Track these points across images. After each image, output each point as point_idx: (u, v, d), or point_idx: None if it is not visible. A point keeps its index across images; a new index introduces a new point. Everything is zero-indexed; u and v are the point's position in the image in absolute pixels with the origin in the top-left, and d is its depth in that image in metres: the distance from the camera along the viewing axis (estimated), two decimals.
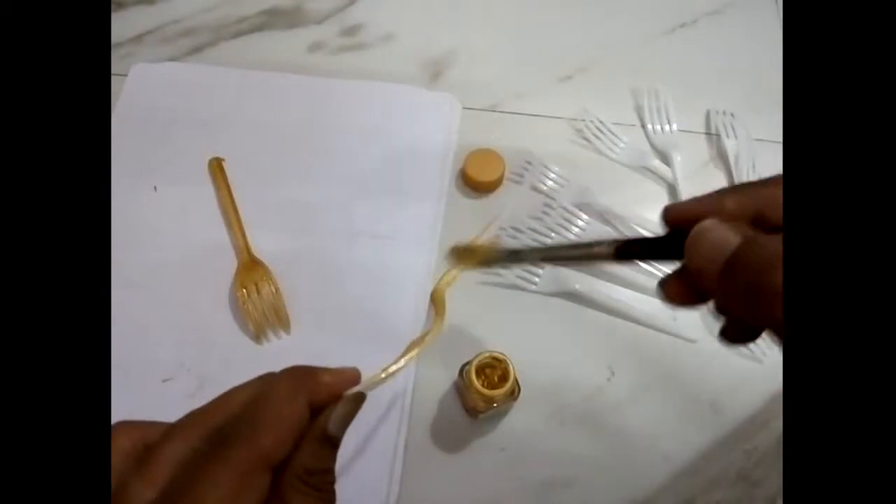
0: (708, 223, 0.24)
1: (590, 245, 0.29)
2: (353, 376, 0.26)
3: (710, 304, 0.26)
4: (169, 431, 0.23)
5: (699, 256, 0.24)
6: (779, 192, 0.24)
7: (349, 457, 0.45)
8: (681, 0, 0.68)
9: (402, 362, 0.29)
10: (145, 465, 0.22)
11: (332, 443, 0.24)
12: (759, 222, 0.25)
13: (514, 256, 0.32)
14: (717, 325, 0.51)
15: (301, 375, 0.25)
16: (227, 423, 0.23)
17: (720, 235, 0.23)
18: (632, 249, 0.28)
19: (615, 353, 0.50)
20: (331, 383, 0.25)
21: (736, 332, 0.28)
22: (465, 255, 0.32)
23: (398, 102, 0.60)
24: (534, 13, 0.67)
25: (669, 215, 0.27)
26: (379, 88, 0.61)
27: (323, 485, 0.24)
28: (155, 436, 0.23)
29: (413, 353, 0.30)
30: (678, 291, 0.27)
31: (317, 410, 0.24)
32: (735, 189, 0.26)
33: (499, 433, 0.48)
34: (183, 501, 0.21)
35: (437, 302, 0.32)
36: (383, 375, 0.27)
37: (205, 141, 0.57)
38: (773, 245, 0.21)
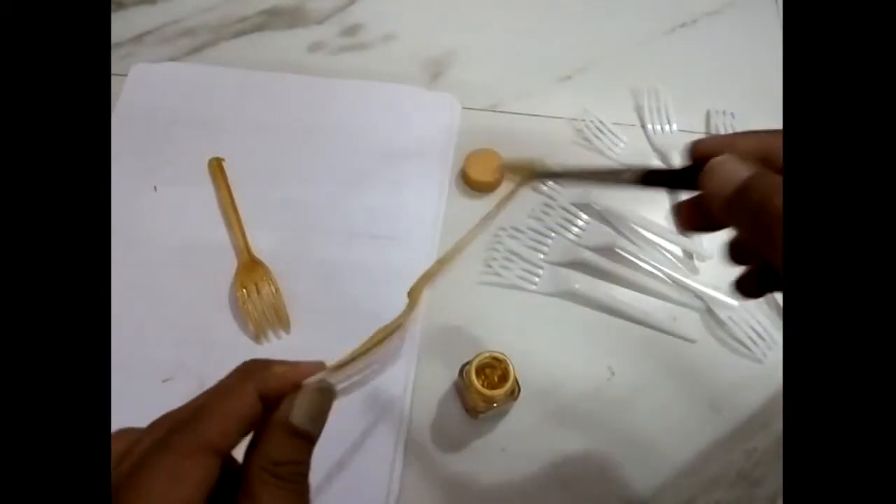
0: (723, 157, 0.27)
1: (619, 172, 0.32)
2: (311, 369, 0.26)
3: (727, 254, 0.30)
4: (146, 429, 0.24)
5: (713, 183, 0.26)
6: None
7: (349, 457, 0.45)
8: (681, 0, 0.68)
9: (360, 351, 0.28)
10: (118, 464, 0.22)
11: (300, 435, 0.24)
12: (767, 164, 0.27)
13: (548, 170, 0.38)
14: (717, 325, 0.51)
15: (251, 367, 0.25)
16: (183, 415, 0.24)
17: (734, 167, 0.26)
18: (657, 178, 0.31)
19: (615, 353, 0.50)
20: (282, 374, 0.25)
21: (749, 284, 0.31)
22: (515, 169, 0.40)
23: (398, 102, 0.60)
24: (534, 13, 0.67)
25: (697, 148, 0.29)
26: (379, 88, 0.61)
27: (292, 476, 0.24)
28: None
29: (376, 340, 0.29)
30: (690, 216, 0.30)
31: (272, 401, 0.25)
32: (748, 133, 0.28)
33: (499, 433, 0.48)
34: (129, 487, 0.21)
35: (412, 295, 0.31)
36: (341, 363, 0.27)
37: (205, 141, 0.57)
38: (775, 178, 0.24)
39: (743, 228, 0.26)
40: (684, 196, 0.31)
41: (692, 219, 0.31)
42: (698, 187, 0.28)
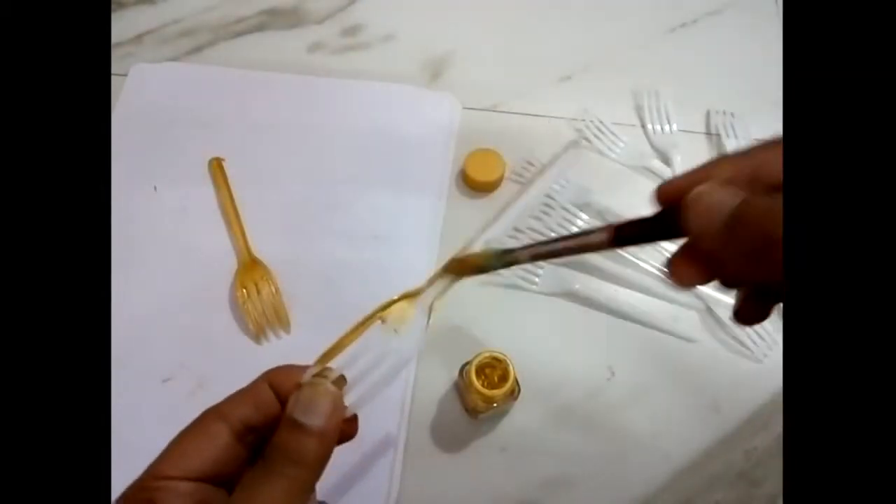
0: (704, 187, 0.24)
1: (585, 234, 0.28)
2: (309, 370, 0.28)
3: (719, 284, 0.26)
4: None
5: (699, 218, 0.24)
6: (771, 155, 0.24)
7: (349, 457, 0.45)
8: (681, 0, 0.68)
9: (340, 340, 0.29)
10: None
11: (298, 425, 0.26)
12: (753, 187, 0.24)
13: (509, 257, 0.30)
14: (717, 325, 0.51)
15: (274, 369, 0.29)
16: None
17: (718, 197, 0.23)
18: (629, 233, 0.27)
19: (615, 353, 0.50)
20: (288, 371, 0.28)
21: (748, 311, 0.27)
22: (460, 267, 0.31)
23: (398, 102, 0.60)
24: (534, 13, 0.67)
25: (662, 194, 0.26)
26: (379, 88, 0.61)
27: (284, 461, 0.26)
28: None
29: (360, 325, 0.30)
30: (685, 269, 0.26)
31: (283, 396, 0.27)
32: (726, 157, 0.26)
33: (499, 433, 0.48)
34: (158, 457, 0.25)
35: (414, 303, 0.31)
36: (326, 351, 0.29)
37: (205, 141, 0.57)
38: (773, 201, 0.22)
39: (743, 260, 0.23)
40: (673, 248, 0.27)
41: (690, 272, 0.26)
42: (681, 230, 0.25)
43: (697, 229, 0.24)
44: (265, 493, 0.24)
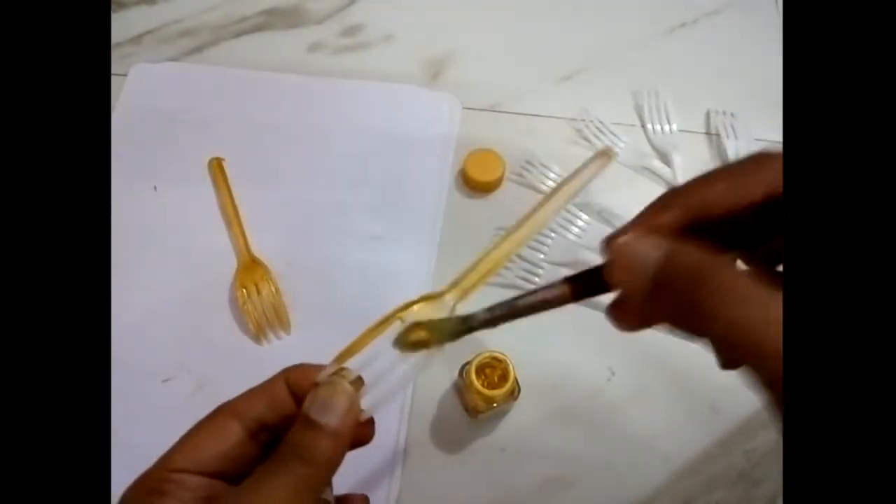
0: (624, 239, 0.23)
1: (544, 289, 0.26)
2: (312, 371, 0.28)
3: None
4: None
5: (622, 275, 0.22)
6: (709, 190, 0.23)
7: (349, 457, 0.45)
8: (681, 0, 0.68)
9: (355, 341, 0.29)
10: None
11: (312, 423, 0.26)
12: (696, 226, 0.23)
13: (466, 322, 0.28)
14: None
15: (291, 368, 0.28)
16: None
17: (640, 252, 0.22)
18: (585, 285, 0.25)
19: (615, 353, 0.50)
20: (304, 370, 0.28)
21: (723, 359, 0.26)
22: (412, 340, 0.28)
23: (398, 102, 0.60)
24: (534, 13, 0.67)
25: (608, 244, 0.24)
26: (379, 88, 0.61)
27: (295, 459, 0.26)
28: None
29: (378, 325, 0.29)
30: (622, 317, 0.25)
31: (299, 396, 0.27)
32: (663, 198, 0.24)
33: (499, 433, 0.48)
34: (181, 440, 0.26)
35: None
36: (343, 351, 0.28)
37: (205, 141, 0.57)
38: (695, 256, 0.20)
39: (676, 320, 0.22)
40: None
41: (627, 320, 0.24)
42: (612, 271, 0.23)
43: (622, 287, 0.23)
44: (272, 488, 0.24)
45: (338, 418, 0.26)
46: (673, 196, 0.24)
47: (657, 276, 0.21)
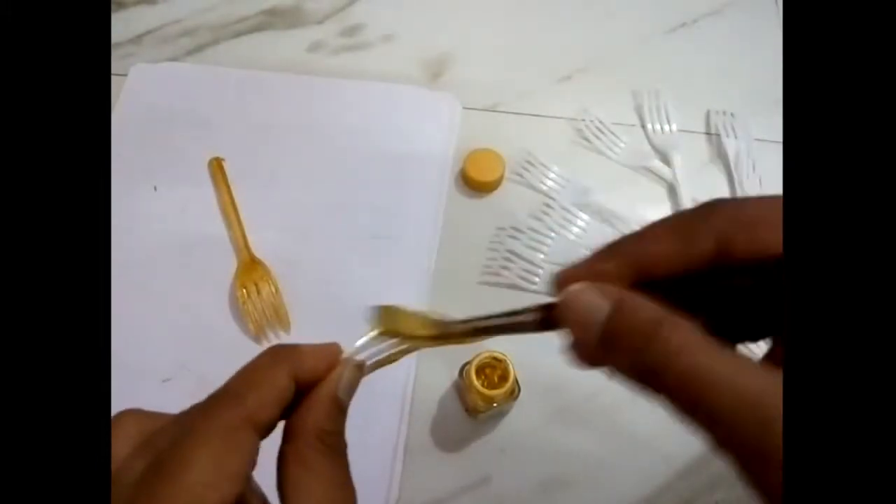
0: (575, 287, 0.22)
1: (519, 312, 0.25)
2: (333, 348, 0.27)
3: None
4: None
5: (573, 327, 0.22)
6: (652, 243, 0.22)
7: (349, 456, 0.45)
8: (681, 0, 0.68)
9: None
10: (143, 444, 0.23)
11: (341, 406, 0.25)
12: (643, 277, 0.22)
13: (443, 328, 0.28)
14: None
15: (280, 351, 0.26)
16: (215, 392, 0.25)
17: (588, 302, 0.21)
18: (551, 319, 0.24)
19: None
20: (311, 353, 0.26)
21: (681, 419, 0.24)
22: (392, 321, 0.28)
23: (398, 102, 0.60)
24: (534, 13, 0.67)
25: (559, 287, 0.24)
26: (379, 88, 0.61)
27: (339, 446, 0.26)
28: (160, 424, 0.24)
29: (401, 344, 0.29)
30: (576, 357, 0.23)
31: (301, 381, 0.25)
32: (613, 245, 0.23)
33: (499, 433, 0.48)
34: (171, 461, 0.21)
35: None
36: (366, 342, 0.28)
37: (205, 141, 0.57)
38: (646, 310, 0.20)
39: (629, 374, 0.21)
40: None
41: (585, 362, 0.23)
42: (561, 321, 0.22)
43: (574, 339, 0.22)
44: (331, 479, 0.23)
45: (349, 401, 0.25)
46: (616, 246, 0.23)
47: (606, 328, 0.21)
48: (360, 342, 0.27)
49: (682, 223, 0.23)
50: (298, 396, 0.25)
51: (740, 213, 0.22)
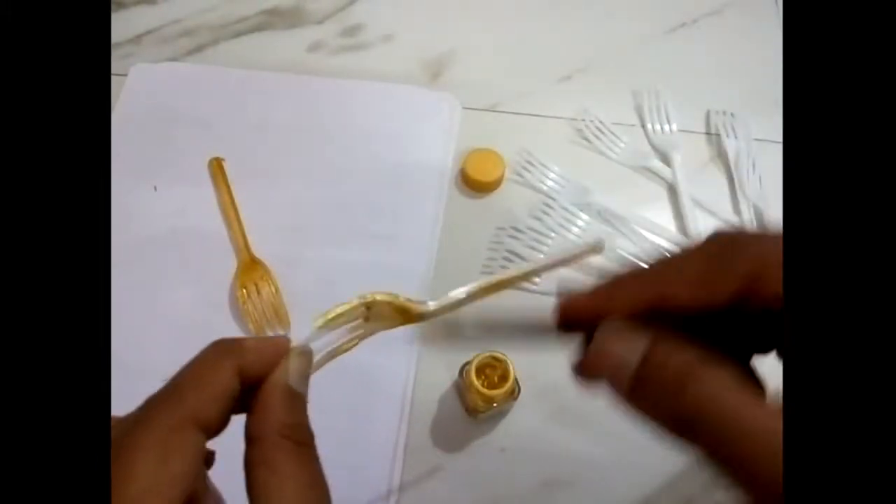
0: (606, 330, 0.22)
1: (534, 324, 0.25)
2: (279, 341, 0.26)
3: None
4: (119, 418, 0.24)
5: (608, 377, 0.22)
6: (671, 287, 0.22)
7: (349, 457, 0.45)
8: (681, 0, 0.68)
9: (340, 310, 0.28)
10: None
11: (298, 396, 0.24)
12: (658, 312, 0.22)
13: (453, 330, 0.28)
14: None
15: (223, 345, 0.25)
16: (156, 392, 0.23)
17: (617, 352, 0.21)
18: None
19: None
20: (255, 347, 0.25)
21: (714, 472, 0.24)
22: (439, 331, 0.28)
23: (398, 102, 0.60)
24: (534, 13, 0.67)
25: (563, 318, 0.23)
26: (379, 88, 0.61)
27: (304, 437, 0.24)
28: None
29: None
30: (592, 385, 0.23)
31: (248, 376, 0.24)
32: (628, 278, 0.23)
33: (499, 433, 0.48)
34: (113, 469, 0.20)
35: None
36: (319, 324, 0.27)
37: (205, 141, 0.57)
38: (678, 358, 0.20)
39: (663, 425, 0.21)
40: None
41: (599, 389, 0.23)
42: (591, 369, 0.22)
43: (609, 387, 0.22)
44: (300, 479, 0.22)
45: (306, 389, 0.24)
46: (629, 283, 0.23)
47: (638, 379, 0.21)
48: (308, 335, 0.26)
49: (704, 268, 0.22)
50: (251, 393, 0.24)
51: (768, 256, 0.21)
